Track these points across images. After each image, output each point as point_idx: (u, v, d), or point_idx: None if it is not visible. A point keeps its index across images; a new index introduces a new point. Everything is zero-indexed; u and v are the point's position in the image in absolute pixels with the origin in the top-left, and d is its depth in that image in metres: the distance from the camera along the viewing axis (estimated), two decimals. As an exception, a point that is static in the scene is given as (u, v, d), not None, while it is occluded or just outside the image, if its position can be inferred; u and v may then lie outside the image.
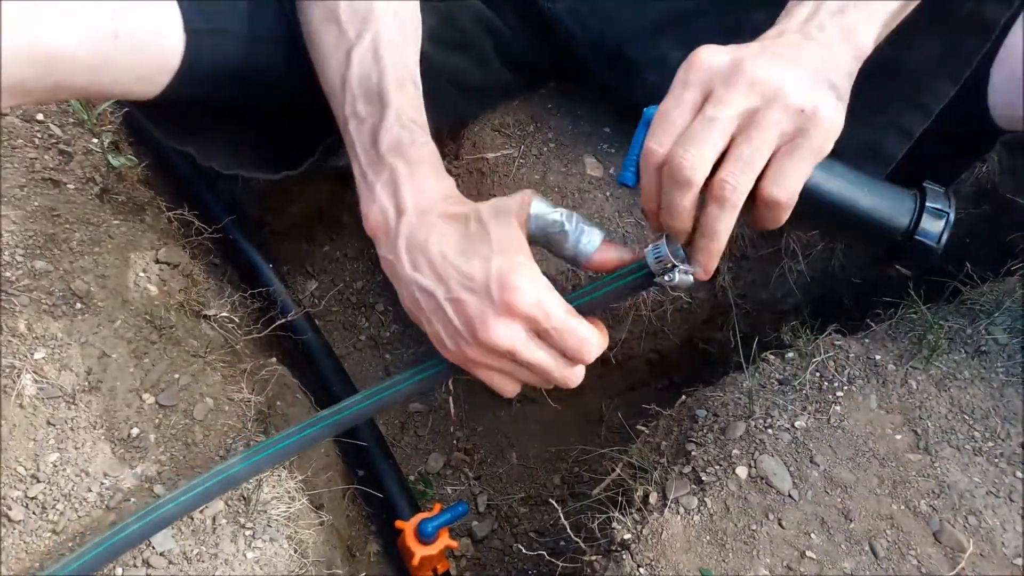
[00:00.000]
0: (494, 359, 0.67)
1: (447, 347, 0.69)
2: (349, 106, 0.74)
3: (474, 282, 0.65)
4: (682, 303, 1.18)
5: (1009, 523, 0.82)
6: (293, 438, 0.76)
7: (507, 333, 0.65)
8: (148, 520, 0.73)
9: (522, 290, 0.64)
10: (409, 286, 0.69)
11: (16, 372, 0.86)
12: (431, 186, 0.71)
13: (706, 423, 0.94)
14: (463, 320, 0.66)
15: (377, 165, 0.72)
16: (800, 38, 0.64)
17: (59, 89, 0.71)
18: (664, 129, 0.61)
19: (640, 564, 0.81)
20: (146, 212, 1.20)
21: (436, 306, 0.67)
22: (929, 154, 0.86)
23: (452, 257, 0.66)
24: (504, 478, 1.38)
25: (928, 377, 0.94)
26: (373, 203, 0.71)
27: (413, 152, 0.72)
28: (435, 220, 0.69)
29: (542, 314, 0.65)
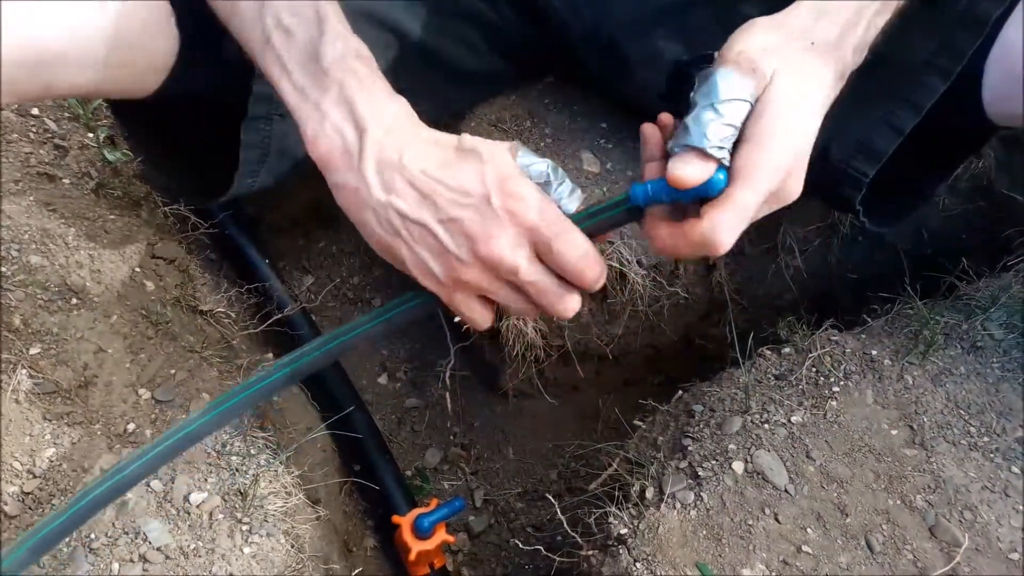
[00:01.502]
0: (491, 280, 0.62)
1: (434, 275, 0.63)
2: (271, 18, 0.66)
3: (470, 196, 0.60)
4: (679, 298, 1.18)
5: (1004, 518, 0.82)
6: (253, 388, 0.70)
7: (513, 247, 0.60)
8: (115, 481, 0.68)
9: (526, 196, 0.60)
10: (383, 211, 0.62)
11: (12, 367, 0.86)
12: (389, 102, 0.65)
13: (703, 418, 0.94)
14: (462, 239, 0.61)
15: (321, 80, 0.64)
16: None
17: (50, 88, 0.71)
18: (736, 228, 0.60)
19: (637, 559, 0.81)
20: (142, 207, 1.19)
21: (423, 231, 0.62)
22: (921, 150, 0.87)
23: (437, 172, 0.61)
24: (501, 473, 1.38)
25: (924, 372, 0.94)
26: (323, 122, 0.63)
27: (363, 67, 0.65)
28: (407, 137, 0.63)
29: (546, 223, 0.60)
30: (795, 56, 0.62)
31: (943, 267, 1.09)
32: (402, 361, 1.47)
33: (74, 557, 0.77)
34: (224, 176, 0.91)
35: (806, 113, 0.61)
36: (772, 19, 0.65)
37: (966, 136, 0.92)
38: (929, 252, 1.29)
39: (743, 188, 0.58)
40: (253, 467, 0.88)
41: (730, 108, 0.59)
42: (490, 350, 1.32)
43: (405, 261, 0.64)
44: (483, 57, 1.07)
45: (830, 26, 0.64)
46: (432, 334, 1.43)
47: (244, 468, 0.88)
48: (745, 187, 0.58)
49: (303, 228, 1.52)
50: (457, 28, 1.02)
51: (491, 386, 1.41)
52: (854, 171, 0.87)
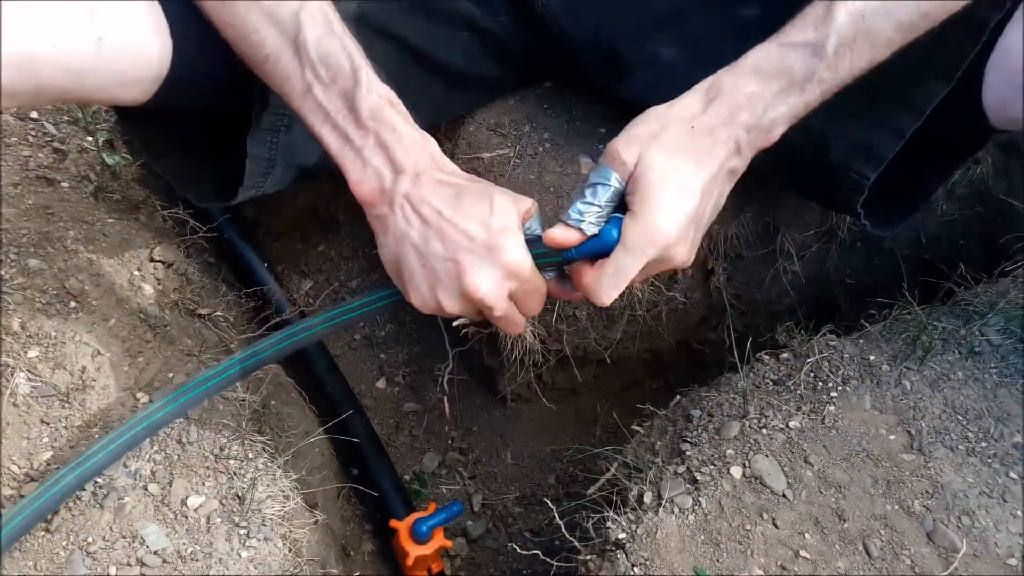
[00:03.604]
0: (468, 310, 0.74)
1: (423, 298, 0.74)
2: (310, 72, 0.73)
3: (472, 241, 0.71)
4: (677, 303, 1.18)
5: (1002, 523, 0.82)
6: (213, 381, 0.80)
7: (496, 290, 0.72)
8: (82, 470, 0.75)
9: (517, 253, 0.71)
10: (400, 239, 0.73)
11: (10, 371, 0.86)
12: (420, 146, 0.75)
13: (701, 423, 0.94)
14: (453, 275, 0.71)
15: (360, 130, 0.73)
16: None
17: (42, 93, 0.71)
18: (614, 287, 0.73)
19: (635, 564, 0.81)
20: (141, 211, 1.19)
21: (425, 262, 0.72)
22: (921, 153, 0.87)
23: (449, 214, 0.71)
24: (499, 478, 1.38)
25: (922, 378, 0.94)
26: (365, 168, 0.73)
27: (394, 115, 0.74)
28: (431, 180, 0.73)
29: (527, 276, 0.73)
30: (670, 140, 0.71)
31: (941, 272, 1.09)
32: (400, 365, 1.47)
33: (71, 560, 0.77)
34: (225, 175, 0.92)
35: (678, 188, 0.70)
36: (661, 107, 0.74)
37: (965, 139, 0.92)
38: (927, 257, 1.29)
39: (620, 253, 0.71)
40: (251, 471, 0.88)
41: (592, 191, 0.72)
42: (488, 354, 1.32)
43: (405, 280, 0.75)
44: (481, 63, 1.07)
45: (718, 109, 0.72)
46: (431, 339, 1.43)
47: (242, 472, 0.88)
48: (622, 253, 0.71)
49: (302, 232, 1.52)
50: (455, 35, 1.02)
51: (489, 390, 1.41)
52: (855, 174, 0.87)
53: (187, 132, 0.94)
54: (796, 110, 0.72)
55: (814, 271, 1.28)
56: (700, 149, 0.71)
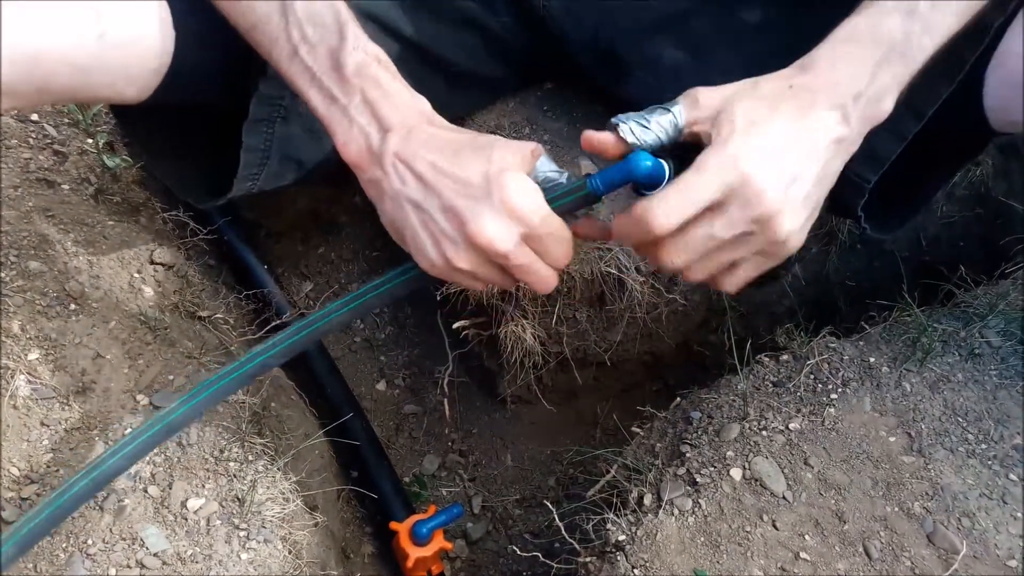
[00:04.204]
0: (481, 263, 0.68)
1: (431, 259, 0.69)
2: (296, 31, 0.70)
3: (471, 187, 0.66)
4: (677, 305, 1.18)
5: (1002, 525, 0.82)
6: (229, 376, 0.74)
7: (504, 233, 0.65)
8: (96, 473, 0.69)
9: (521, 191, 0.65)
10: (396, 200, 0.68)
11: (10, 373, 0.86)
12: (409, 102, 0.71)
13: (700, 425, 0.94)
14: (456, 224, 0.66)
15: (345, 88, 0.69)
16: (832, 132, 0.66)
17: (45, 92, 0.70)
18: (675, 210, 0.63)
19: (634, 565, 0.81)
20: (141, 213, 1.20)
21: (426, 217, 0.67)
22: (922, 156, 0.87)
23: (445, 166, 0.67)
24: (499, 480, 1.38)
25: (922, 380, 0.94)
26: (351, 128, 0.70)
27: (383, 71, 0.70)
28: (423, 134, 0.68)
29: (537, 217, 0.66)
30: (764, 92, 0.66)
31: (941, 274, 1.09)
32: (400, 367, 1.47)
33: (71, 562, 0.77)
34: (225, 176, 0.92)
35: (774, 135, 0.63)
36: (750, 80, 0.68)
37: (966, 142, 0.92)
38: (927, 259, 1.29)
39: (689, 174, 0.63)
40: (251, 473, 0.88)
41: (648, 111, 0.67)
42: (488, 357, 1.33)
43: (409, 243, 0.70)
44: (482, 62, 1.07)
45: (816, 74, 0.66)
46: (431, 341, 1.43)
47: (242, 474, 0.88)
48: (692, 173, 0.62)
49: (302, 234, 1.52)
50: (456, 33, 1.02)
51: (489, 392, 1.41)
52: (856, 176, 0.87)
53: (185, 133, 0.94)
54: (902, 80, 0.68)
55: (814, 273, 1.28)
56: (801, 104, 0.65)
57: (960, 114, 0.82)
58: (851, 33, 0.67)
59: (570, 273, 1.10)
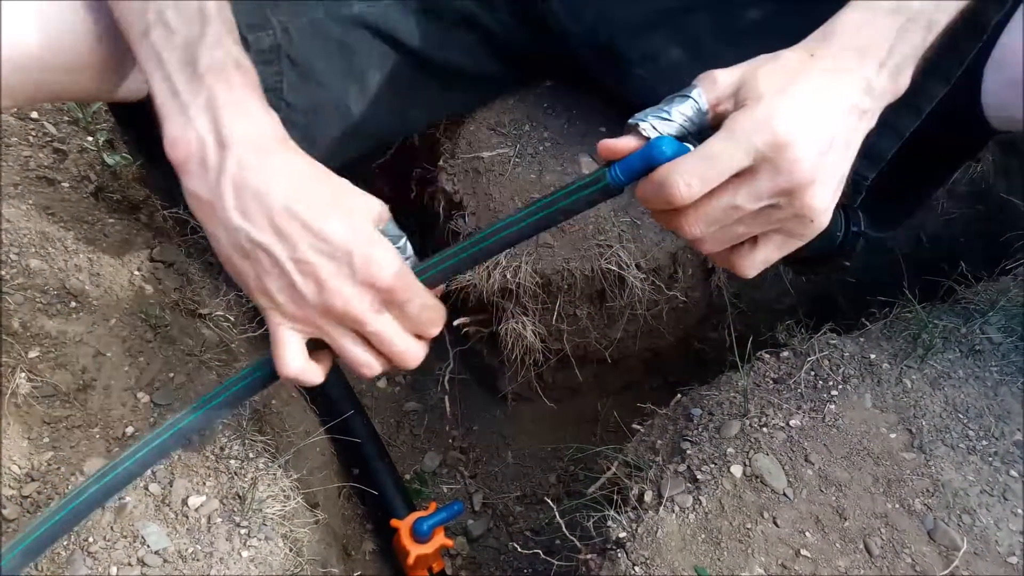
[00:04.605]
0: (334, 326, 0.64)
1: (278, 305, 0.63)
2: (154, 11, 0.63)
3: (333, 246, 0.61)
4: (678, 302, 1.18)
5: (1003, 521, 0.82)
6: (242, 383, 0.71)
7: (361, 301, 0.62)
8: (107, 480, 0.67)
9: (386, 264, 0.62)
10: (236, 234, 0.61)
11: (11, 371, 0.86)
12: (261, 119, 0.63)
13: (701, 422, 0.94)
14: (312, 282, 0.61)
15: (193, 84, 0.62)
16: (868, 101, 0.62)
17: (43, 91, 0.70)
18: (698, 176, 0.58)
19: (635, 563, 0.81)
20: (141, 211, 1.19)
21: (273, 264, 0.61)
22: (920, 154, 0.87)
23: (301, 212, 0.61)
24: (500, 477, 1.38)
25: (923, 376, 0.94)
26: (186, 126, 0.61)
27: (238, 78, 0.63)
28: (275, 165, 0.62)
29: (401, 285, 0.63)
30: (784, 63, 0.61)
31: (941, 271, 1.09)
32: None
33: (72, 560, 0.77)
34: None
35: (798, 99, 0.59)
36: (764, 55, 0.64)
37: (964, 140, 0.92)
38: (927, 256, 1.29)
39: (714, 139, 0.58)
40: (251, 471, 0.88)
41: (668, 102, 0.62)
42: (489, 354, 1.33)
43: (251, 286, 0.64)
44: (481, 62, 1.07)
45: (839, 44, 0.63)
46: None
47: (243, 472, 0.88)
48: (717, 138, 0.58)
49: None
50: (454, 34, 1.02)
51: (490, 390, 1.41)
52: (854, 173, 0.87)
53: None
54: (917, 53, 0.64)
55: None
56: (826, 72, 0.60)
57: (958, 112, 0.82)
58: (869, 3, 0.63)
59: (571, 270, 1.10)
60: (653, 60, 0.99)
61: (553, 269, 1.09)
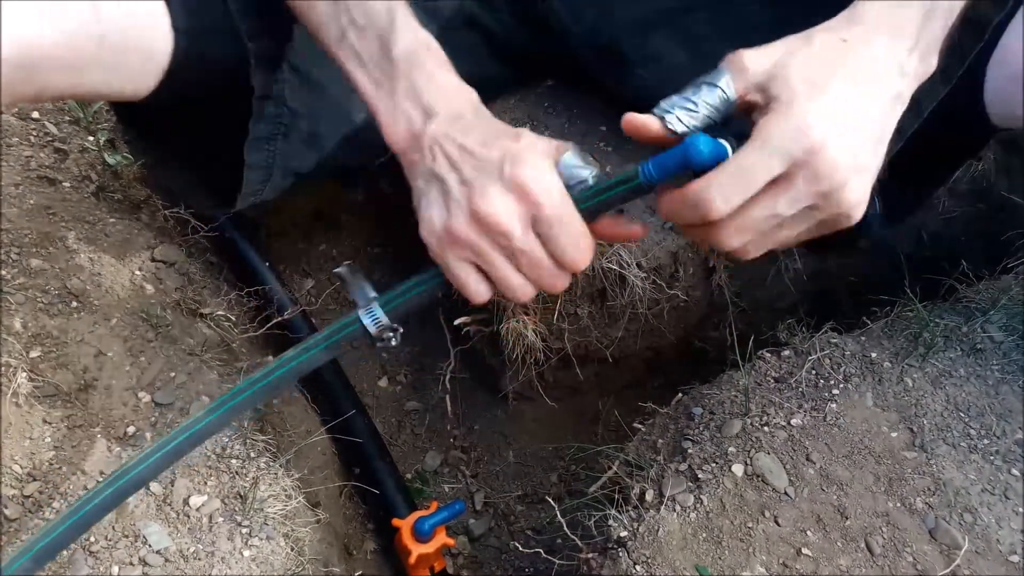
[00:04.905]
0: (484, 240, 0.64)
1: (433, 224, 0.66)
2: (344, 16, 0.71)
3: (488, 163, 0.64)
4: (679, 301, 1.18)
5: (1004, 520, 0.82)
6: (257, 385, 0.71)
7: (507, 208, 0.63)
8: (120, 483, 0.68)
9: (535, 170, 0.63)
10: (428, 177, 0.67)
11: (12, 370, 0.86)
12: (456, 89, 0.71)
13: (702, 421, 0.94)
14: (465, 193, 0.64)
15: (392, 74, 0.70)
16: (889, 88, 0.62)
17: (45, 90, 0.70)
18: (734, 192, 0.58)
19: (636, 562, 0.81)
20: (142, 210, 1.20)
21: (444, 189, 0.66)
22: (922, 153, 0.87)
23: (472, 146, 0.65)
24: (501, 476, 1.38)
25: (924, 375, 0.94)
26: (395, 112, 0.69)
27: (431, 58, 0.71)
28: (463, 121, 0.68)
29: (548, 200, 0.63)
30: (817, 50, 0.60)
31: (943, 269, 1.09)
32: (402, 364, 1.47)
33: (74, 560, 0.77)
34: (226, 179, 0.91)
35: (835, 96, 0.58)
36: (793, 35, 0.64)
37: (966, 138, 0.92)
38: (928, 254, 1.29)
39: (748, 149, 0.57)
40: (253, 470, 0.88)
41: (694, 90, 0.62)
42: (490, 353, 1.33)
43: (421, 214, 0.68)
44: (482, 63, 1.07)
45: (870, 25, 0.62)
46: (432, 337, 1.43)
47: (244, 471, 0.88)
48: (751, 148, 0.57)
49: (303, 232, 1.52)
50: (455, 35, 1.02)
51: (491, 389, 1.41)
52: None
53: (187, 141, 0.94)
54: (942, 35, 0.64)
55: (816, 268, 1.28)
56: (859, 60, 0.60)
57: (960, 111, 0.82)
58: None
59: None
60: (654, 60, 0.99)
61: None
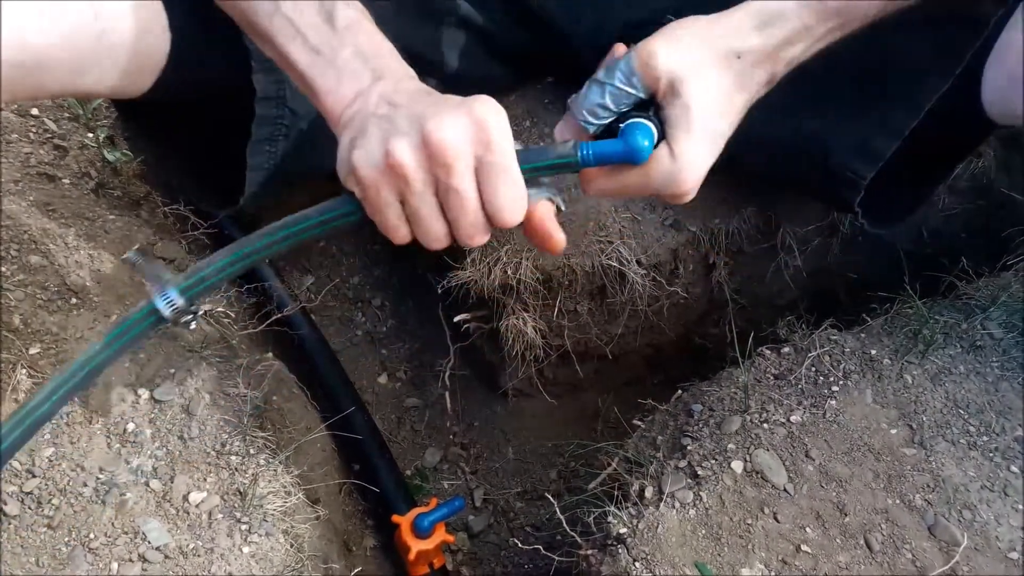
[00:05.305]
0: (421, 172, 0.61)
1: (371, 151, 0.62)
2: None
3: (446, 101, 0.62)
4: (679, 298, 1.18)
5: (1003, 517, 0.82)
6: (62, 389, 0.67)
7: (459, 137, 0.60)
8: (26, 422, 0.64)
9: (496, 114, 0.61)
10: (364, 118, 0.63)
11: (11, 367, 0.86)
12: (399, 60, 0.69)
13: (702, 418, 0.94)
14: (415, 123, 0.60)
15: (336, 39, 0.66)
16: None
17: (43, 88, 0.70)
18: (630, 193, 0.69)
19: (636, 558, 0.81)
20: (142, 207, 1.19)
21: (385, 123, 0.62)
22: (921, 150, 0.87)
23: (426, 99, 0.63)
24: (500, 473, 1.39)
25: (923, 372, 0.94)
26: (340, 76, 0.66)
27: (374, 30, 0.69)
28: (412, 85, 0.66)
29: (500, 142, 0.61)
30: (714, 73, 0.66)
31: (943, 266, 1.09)
32: (402, 361, 1.47)
33: (73, 556, 0.77)
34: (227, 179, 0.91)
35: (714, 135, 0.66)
36: (706, 20, 0.68)
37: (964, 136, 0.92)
38: (929, 251, 1.29)
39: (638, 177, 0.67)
40: (252, 467, 0.88)
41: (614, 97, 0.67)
42: (490, 350, 1.33)
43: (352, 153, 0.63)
44: (480, 63, 1.07)
45: (771, 34, 0.66)
46: (432, 334, 1.43)
47: (243, 468, 0.88)
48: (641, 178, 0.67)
49: (303, 228, 1.52)
50: (453, 36, 1.01)
51: (491, 386, 1.41)
52: (852, 173, 0.87)
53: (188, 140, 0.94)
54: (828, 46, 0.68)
55: (815, 265, 1.28)
56: (740, 86, 0.67)
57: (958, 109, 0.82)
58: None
59: (571, 266, 1.09)
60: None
61: (554, 265, 1.09)
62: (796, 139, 0.89)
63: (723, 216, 1.13)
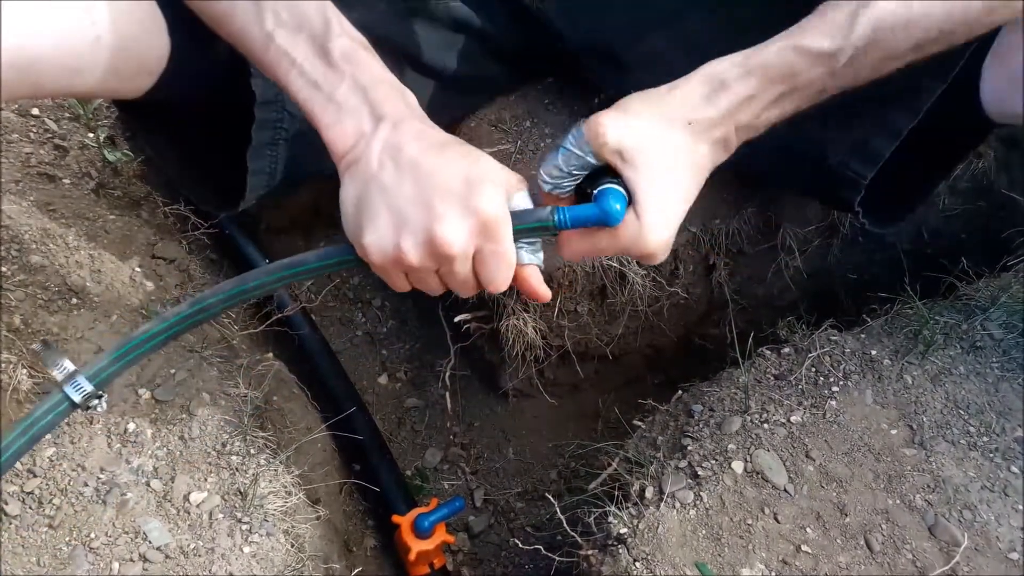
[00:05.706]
0: (428, 262, 0.66)
1: (382, 244, 0.65)
2: (271, 17, 0.68)
3: (449, 186, 0.64)
4: (679, 299, 1.18)
5: (1004, 517, 0.82)
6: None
7: (463, 237, 0.64)
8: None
9: (495, 207, 0.64)
10: (368, 181, 0.66)
11: (12, 367, 0.86)
12: (399, 92, 0.69)
13: (702, 418, 0.94)
14: (423, 219, 0.64)
15: (333, 74, 0.67)
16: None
17: (41, 90, 0.70)
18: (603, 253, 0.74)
19: (636, 558, 0.81)
20: (142, 207, 1.20)
21: (393, 203, 0.65)
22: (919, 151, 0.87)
23: (429, 159, 0.65)
24: (501, 473, 1.39)
25: (923, 372, 0.94)
26: (340, 112, 0.67)
27: (371, 58, 0.69)
28: (413, 127, 0.67)
29: (500, 238, 0.65)
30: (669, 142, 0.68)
31: (943, 267, 1.09)
32: (402, 361, 1.47)
33: (74, 556, 0.77)
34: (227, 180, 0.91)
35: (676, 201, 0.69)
36: (658, 92, 0.70)
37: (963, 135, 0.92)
38: (929, 252, 1.29)
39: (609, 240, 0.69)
40: (253, 467, 0.88)
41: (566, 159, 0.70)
42: (490, 350, 1.33)
43: (363, 223, 0.66)
44: (479, 64, 1.07)
45: (718, 105, 0.68)
46: (432, 335, 1.44)
47: (244, 468, 0.88)
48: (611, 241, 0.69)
49: (303, 229, 1.52)
50: (449, 37, 1.02)
51: (491, 386, 1.41)
52: (852, 173, 0.87)
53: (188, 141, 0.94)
54: (788, 113, 0.71)
55: (816, 266, 1.28)
56: (696, 151, 0.69)
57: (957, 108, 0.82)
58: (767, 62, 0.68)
59: (572, 266, 1.10)
60: (653, 60, 0.99)
61: (554, 265, 1.09)
62: (796, 139, 0.89)
63: (723, 216, 1.13)
